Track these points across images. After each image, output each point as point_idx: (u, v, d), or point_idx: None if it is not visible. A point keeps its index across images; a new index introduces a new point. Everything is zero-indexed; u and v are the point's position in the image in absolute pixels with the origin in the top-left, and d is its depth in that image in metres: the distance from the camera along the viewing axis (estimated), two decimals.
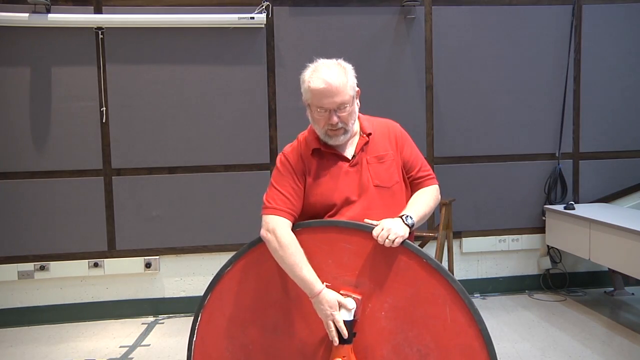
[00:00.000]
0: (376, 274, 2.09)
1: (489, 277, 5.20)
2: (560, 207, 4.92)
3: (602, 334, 4.21)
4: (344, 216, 2.21)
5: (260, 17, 4.63)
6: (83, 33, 4.61)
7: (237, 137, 4.81)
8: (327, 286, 2.10)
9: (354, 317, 2.08)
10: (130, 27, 4.62)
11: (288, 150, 2.34)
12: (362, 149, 2.26)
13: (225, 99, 4.79)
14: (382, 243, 2.04)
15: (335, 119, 2.15)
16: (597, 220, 4.39)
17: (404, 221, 2.09)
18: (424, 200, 2.26)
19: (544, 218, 5.12)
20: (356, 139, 2.28)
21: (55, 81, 4.62)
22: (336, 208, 2.23)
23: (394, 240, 2.03)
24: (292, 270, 2.14)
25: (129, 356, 4.05)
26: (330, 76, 2.13)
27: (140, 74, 4.70)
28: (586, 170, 5.22)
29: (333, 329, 2.05)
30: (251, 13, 4.64)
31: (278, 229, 2.23)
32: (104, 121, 4.67)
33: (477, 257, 5.16)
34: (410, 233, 2.12)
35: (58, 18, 4.50)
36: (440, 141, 4.99)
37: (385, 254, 2.07)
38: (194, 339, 2.37)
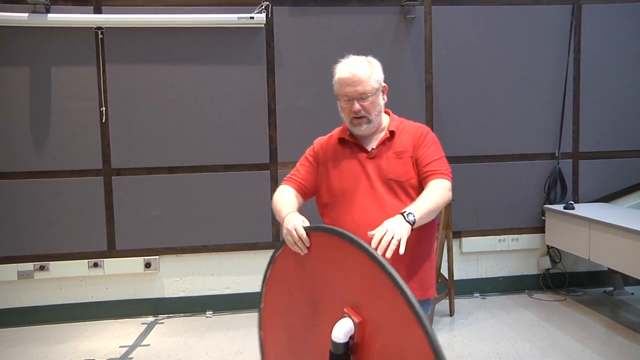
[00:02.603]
0: (374, 305, 1.99)
1: (489, 276, 5.20)
2: (560, 207, 4.92)
3: (602, 334, 4.21)
4: (355, 206, 2.31)
5: (259, 17, 4.63)
6: (83, 33, 4.61)
7: (236, 137, 4.81)
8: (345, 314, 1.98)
9: (351, 339, 1.98)
10: (129, 27, 4.62)
11: (317, 140, 2.54)
12: (383, 144, 2.38)
13: (225, 98, 4.79)
14: (381, 254, 1.94)
15: (357, 106, 2.30)
16: (596, 220, 4.39)
17: (405, 218, 2.06)
18: (429, 196, 2.21)
19: (543, 218, 5.12)
20: (381, 135, 2.40)
21: (55, 81, 4.62)
22: (348, 194, 2.35)
23: (390, 242, 1.96)
24: (275, 211, 2.34)
25: (129, 356, 4.05)
26: (355, 67, 2.30)
27: (139, 74, 4.70)
28: (586, 170, 5.22)
29: (295, 240, 2.06)
30: (251, 13, 4.64)
31: (277, 191, 2.43)
32: (103, 121, 4.67)
33: (476, 256, 5.17)
34: (412, 230, 2.08)
35: (58, 18, 4.50)
36: (440, 141, 4.97)
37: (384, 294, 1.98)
38: (262, 305, 2.43)
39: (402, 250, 1.98)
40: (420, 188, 2.34)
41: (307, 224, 2.08)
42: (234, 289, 4.93)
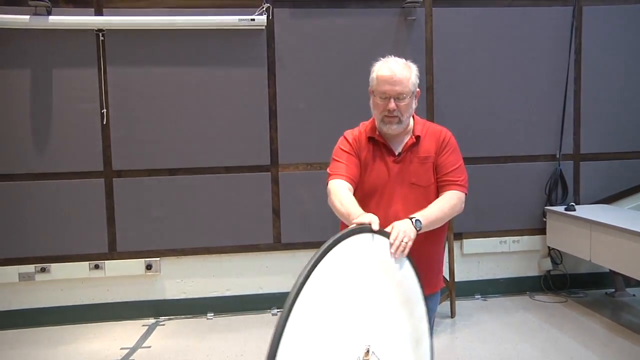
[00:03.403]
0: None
1: (490, 278, 5.19)
2: (561, 209, 4.91)
3: (603, 336, 4.21)
4: (382, 203, 2.42)
5: (260, 19, 4.64)
6: (84, 35, 4.61)
7: (237, 139, 4.81)
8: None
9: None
10: (130, 29, 4.62)
11: (348, 133, 2.57)
12: (409, 149, 2.47)
13: (226, 100, 4.79)
14: (396, 254, 2.10)
15: (393, 105, 2.36)
16: (598, 222, 4.39)
17: (412, 223, 2.21)
18: (438, 206, 2.39)
19: (544, 219, 5.12)
20: (406, 138, 2.49)
21: (56, 83, 4.63)
22: (376, 195, 2.45)
23: (406, 244, 2.12)
24: (337, 210, 2.32)
25: (130, 358, 4.05)
26: (396, 67, 2.39)
27: (140, 76, 4.71)
28: (587, 172, 5.22)
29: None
30: (252, 15, 4.64)
31: (334, 188, 2.40)
32: (104, 123, 4.68)
33: (477, 258, 5.16)
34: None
35: (59, 20, 4.51)
36: None
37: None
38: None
39: (405, 253, 2.15)
40: (438, 193, 2.50)
41: None
42: (235, 291, 4.93)
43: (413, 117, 2.51)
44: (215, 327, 4.66)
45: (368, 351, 2.04)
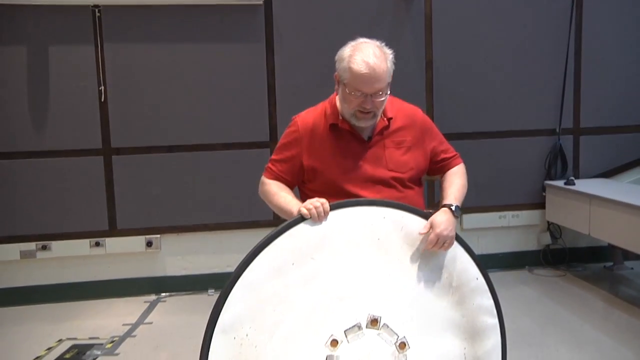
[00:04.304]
0: None
1: (489, 253, 5.21)
2: (560, 183, 4.91)
3: (602, 309, 4.24)
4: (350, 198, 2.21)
5: None
6: (79, 11, 4.56)
7: (236, 115, 4.79)
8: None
9: None
10: (126, 4, 4.57)
11: (301, 120, 2.37)
12: (380, 133, 2.26)
13: (224, 76, 4.76)
14: (435, 247, 2.09)
15: (370, 104, 2.13)
16: (597, 196, 4.40)
17: (453, 214, 2.15)
18: (462, 184, 2.38)
19: (544, 194, 5.12)
20: (375, 120, 2.25)
21: (53, 60, 4.59)
22: (341, 186, 2.22)
23: (443, 246, 2.11)
24: (270, 201, 2.37)
25: (132, 333, 4.09)
26: (375, 62, 2.10)
27: (137, 52, 4.67)
28: (586, 146, 5.21)
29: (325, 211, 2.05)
30: None
31: (268, 187, 2.42)
32: (102, 100, 4.66)
33: (477, 233, 5.17)
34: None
35: None
36: (440, 117, 4.96)
37: None
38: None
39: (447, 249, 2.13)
40: (417, 179, 2.35)
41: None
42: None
43: None
44: None
45: (377, 321, 2.05)
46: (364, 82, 2.10)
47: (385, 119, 2.26)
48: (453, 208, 2.13)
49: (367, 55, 2.10)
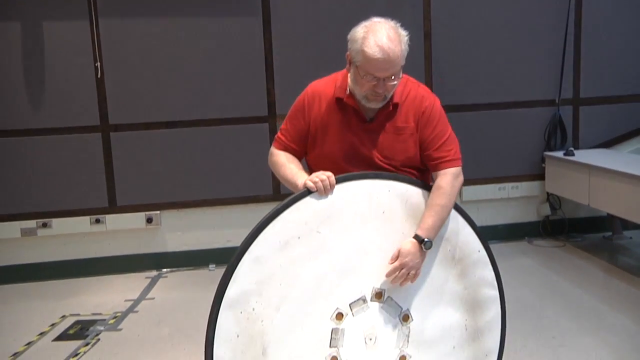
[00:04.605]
0: None
1: (489, 224, 5.21)
2: (559, 154, 4.91)
3: (601, 278, 4.27)
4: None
5: None
6: None
7: (234, 91, 4.76)
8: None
9: None
10: None
11: (312, 89, 2.32)
12: (384, 116, 2.19)
13: (221, 51, 4.72)
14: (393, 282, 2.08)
15: (382, 88, 2.07)
16: (596, 166, 4.40)
17: (422, 248, 2.07)
18: (442, 204, 2.11)
19: (543, 165, 5.12)
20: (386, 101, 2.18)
21: (48, 36, 4.54)
22: (338, 164, 2.19)
23: (405, 277, 2.08)
24: (278, 172, 2.28)
25: (135, 309, 4.12)
26: (389, 46, 2.02)
27: (133, 28, 4.62)
28: (586, 116, 5.19)
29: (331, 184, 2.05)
30: None
31: (277, 158, 2.32)
32: (99, 76, 4.62)
33: (476, 205, 5.18)
34: None
35: None
36: (439, 89, 4.91)
37: None
38: None
39: (413, 282, 2.10)
40: (415, 167, 2.27)
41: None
42: (236, 242, 4.88)
43: None
44: (217, 278, 4.66)
45: (381, 294, 2.07)
46: (377, 66, 2.03)
47: (391, 104, 2.18)
48: (424, 244, 2.06)
49: (380, 39, 2.02)
